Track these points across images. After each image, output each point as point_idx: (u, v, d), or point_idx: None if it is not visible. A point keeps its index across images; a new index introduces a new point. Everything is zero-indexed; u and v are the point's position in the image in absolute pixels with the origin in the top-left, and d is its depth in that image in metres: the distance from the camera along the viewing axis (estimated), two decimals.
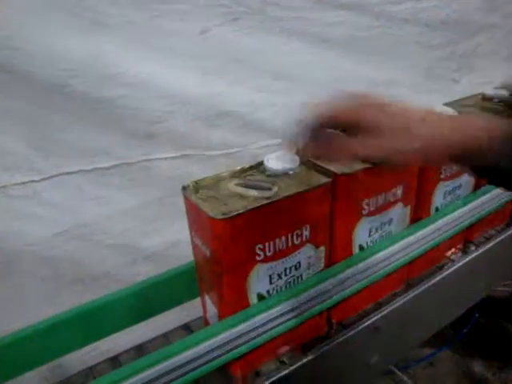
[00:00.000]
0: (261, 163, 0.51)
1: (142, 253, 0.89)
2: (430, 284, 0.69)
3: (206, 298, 0.53)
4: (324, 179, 0.49)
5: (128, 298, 0.55)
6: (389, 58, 1.05)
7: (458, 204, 0.70)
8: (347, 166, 0.51)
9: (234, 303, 0.47)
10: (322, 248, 0.52)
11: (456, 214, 0.69)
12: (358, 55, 1.00)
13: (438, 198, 0.68)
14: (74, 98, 0.71)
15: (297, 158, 0.50)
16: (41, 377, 0.76)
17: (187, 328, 0.64)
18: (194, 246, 0.51)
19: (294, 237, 0.49)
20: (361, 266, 0.57)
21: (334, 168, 0.51)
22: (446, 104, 0.75)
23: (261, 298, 0.49)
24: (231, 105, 0.86)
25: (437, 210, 0.69)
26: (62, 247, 0.79)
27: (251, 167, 0.51)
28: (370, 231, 0.59)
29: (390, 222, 0.61)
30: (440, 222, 0.67)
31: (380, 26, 0.99)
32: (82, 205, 0.80)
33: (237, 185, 0.48)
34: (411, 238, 0.63)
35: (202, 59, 0.82)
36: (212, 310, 0.52)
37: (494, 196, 0.74)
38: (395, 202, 0.59)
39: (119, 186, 0.83)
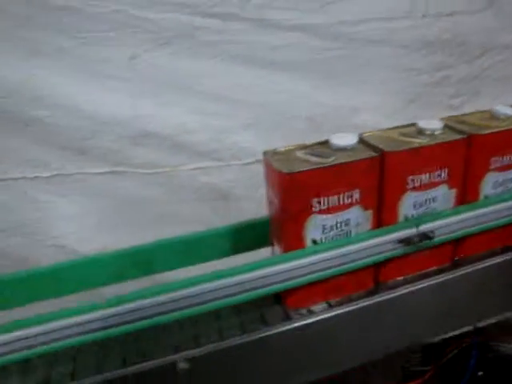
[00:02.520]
0: (327, 141, 0.59)
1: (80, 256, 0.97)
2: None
3: (275, 246, 0.62)
4: (372, 154, 0.57)
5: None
6: (357, 82, 0.99)
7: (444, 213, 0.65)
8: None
9: (293, 245, 0.57)
10: (370, 211, 0.59)
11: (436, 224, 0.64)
12: (314, 79, 0.96)
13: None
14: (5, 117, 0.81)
15: (355, 137, 0.59)
16: None
17: None
18: (269, 202, 0.60)
19: (345, 197, 0.57)
20: None
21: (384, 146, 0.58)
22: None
23: (314, 243, 0.58)
24: (159, 126, 0.89)
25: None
26: (5, 242, 0.91)
27: (319, 143, 0.60)
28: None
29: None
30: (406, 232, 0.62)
31: (340, 47, 0.93)
32: (24, 207, 0.91)
33: (305, 153, 0.58)
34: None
35: (132, 83, 0.86)
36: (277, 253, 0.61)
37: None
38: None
39: (58, 193, 0.92)
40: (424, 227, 0.64)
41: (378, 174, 0.59)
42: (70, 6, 0.79)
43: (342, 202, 0.58)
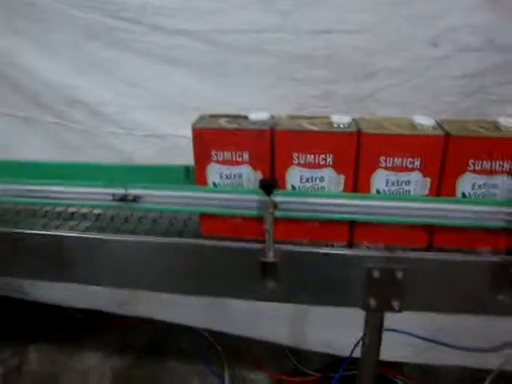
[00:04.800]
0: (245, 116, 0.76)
1: None
2: None
3: None
4: (263, 128, 0.73)
5: None
6: (242, 84, 1.12)
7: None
8: None
9: (200, 184, 0.78)
10: (259, 172, 0.75)
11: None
12: (203, 77, 1.14)
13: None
14: None
15: (267, 116, 0.74)
16: None
17: None
18: None
19: (237, 156, 0.73)
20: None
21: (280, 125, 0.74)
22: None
23: (214, 185, 0.77)
24: (85, 95, 1.22)
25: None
26: None
27: (243, 116, 0.77)
28: None
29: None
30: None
31: (218, 52, 1.09)
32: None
33: (224, 121, 0.75)
34: None
35: (74, 61, 1.20)
36: None
37: None
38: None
39: (28, 130, 1.32)
40: (132, 191, 0.82)
41: (267, 145, 0.72)
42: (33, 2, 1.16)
43: (234, 159, 0.73)
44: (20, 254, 0.87)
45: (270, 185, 0.72)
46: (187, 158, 1.19)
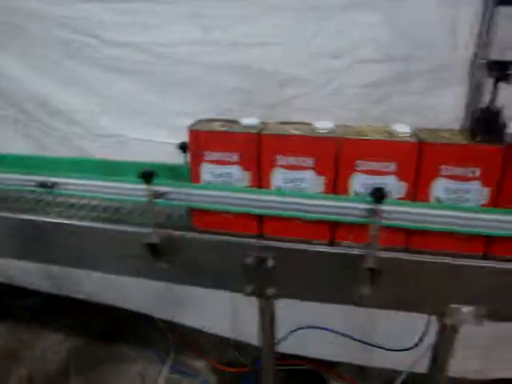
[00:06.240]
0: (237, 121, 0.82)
1: None
2: None
3: None
4: (251, 132, 0.78)
5: None
6: (177, 91, 1.25)
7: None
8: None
9: (194, 182, 0.82)
10: (248, 173, 0.80)
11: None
12: (145, 85, 1.28)
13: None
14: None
15: (257, 120, 0.80)
16: None
17: None
18: None
19: (226, 156, 0.78)
20: None
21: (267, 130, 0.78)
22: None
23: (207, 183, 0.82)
24: (64, 105, 1.39)
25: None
26: None
27: (234, 121, 0.83)
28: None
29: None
30: None
31: (155, 63, 1.23)
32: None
33: (218, 124, 0.82)
34: None
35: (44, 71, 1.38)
36: None
37: None
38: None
39: None
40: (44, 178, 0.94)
41: (254, 148, 0.77)
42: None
43: (224, 159, 0.78)
44: None
45: (149, 174, 0.80)
46: (139, 156, 1.35)
